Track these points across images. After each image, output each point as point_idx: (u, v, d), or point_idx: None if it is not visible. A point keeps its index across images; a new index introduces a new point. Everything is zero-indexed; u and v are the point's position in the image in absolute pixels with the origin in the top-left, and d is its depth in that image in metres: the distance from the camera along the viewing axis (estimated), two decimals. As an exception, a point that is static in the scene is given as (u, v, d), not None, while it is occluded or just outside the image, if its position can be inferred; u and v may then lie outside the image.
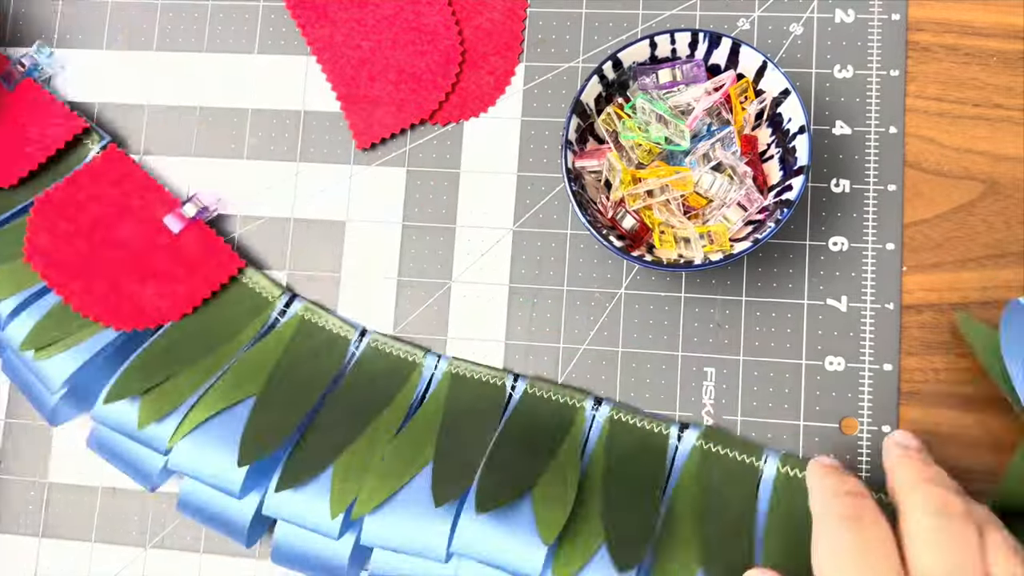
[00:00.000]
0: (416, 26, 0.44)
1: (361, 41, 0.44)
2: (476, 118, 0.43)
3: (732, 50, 0.38)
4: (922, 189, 0.40)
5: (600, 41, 0.43)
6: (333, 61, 0.44)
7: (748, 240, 0.37)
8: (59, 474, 0.43)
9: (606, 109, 0.39)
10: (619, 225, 0.38)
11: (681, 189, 0.37)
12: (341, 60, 0.44)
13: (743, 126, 0.39)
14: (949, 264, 0.40)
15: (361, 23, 0.44)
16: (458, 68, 0.43)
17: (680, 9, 0.43)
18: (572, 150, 0.38)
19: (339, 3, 0.44)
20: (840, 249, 0.40)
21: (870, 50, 0.42)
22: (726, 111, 0.38)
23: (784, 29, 0.42)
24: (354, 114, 0.44)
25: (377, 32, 0.44)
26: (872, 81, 0.41)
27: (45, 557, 0.42)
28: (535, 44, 0.44)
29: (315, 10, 0.44)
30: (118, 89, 0.46)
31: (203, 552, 0.41)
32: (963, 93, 0.41)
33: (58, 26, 0.47)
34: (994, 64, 0.41)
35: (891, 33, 0.42)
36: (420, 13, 0.44)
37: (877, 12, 0.42)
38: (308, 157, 0.44)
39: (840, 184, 0.41)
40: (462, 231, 0.43)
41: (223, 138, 0.45)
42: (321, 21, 0.44)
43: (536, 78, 0.43)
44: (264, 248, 0.43)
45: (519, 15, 0.44)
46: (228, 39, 0.46)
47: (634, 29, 0.43)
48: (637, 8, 0.43)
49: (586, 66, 0.43)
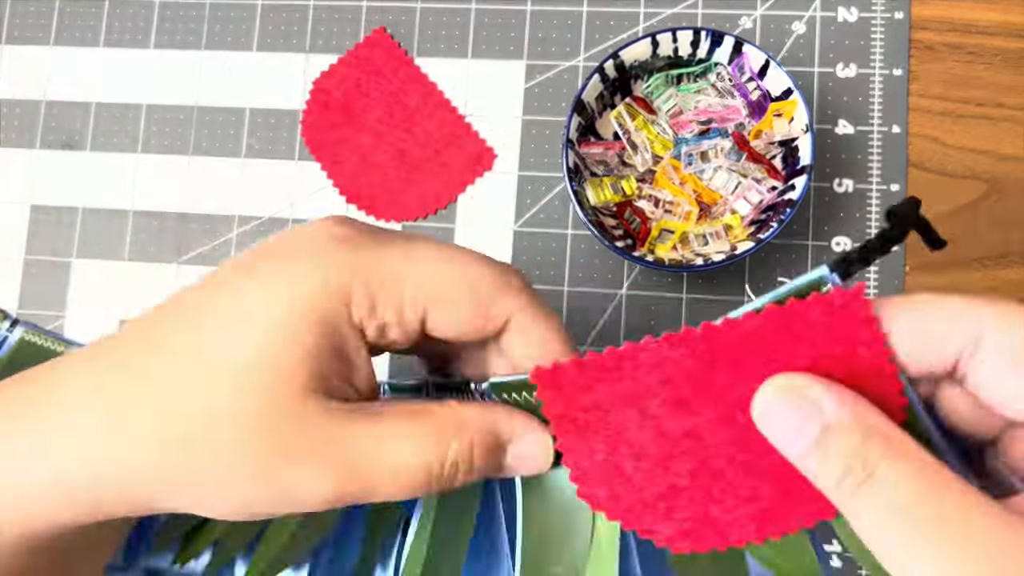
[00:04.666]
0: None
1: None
2: (476, 118, 0.43)
3: (734, 48, 0.38)
4: (925, 189, 0.40)
5: (601, 40, 0.43)
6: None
7: (751, 240, 0.37)
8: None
9: (618, 107, 0.39)
10: (627, 224, 0.38)
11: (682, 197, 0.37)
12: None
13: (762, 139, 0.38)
14: (952, 264, 0.40)
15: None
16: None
17: (682, 7, 0.43)
18: (573, 149, 0.38)
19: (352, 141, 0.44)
20: (843, 249, 0.40)
21: (873, 49, 0.41)
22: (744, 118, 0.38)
23: (786, 28, 0.42)
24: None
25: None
26: (875, 80, 0.41)
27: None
28: (536, 42, 0.43)
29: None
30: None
31: (201, 554, 0.41)
32: (966, 92, 0.41)
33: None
34: (997, 63, 0.41)
35: (894, 32, 0.41)
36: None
37: (880, 11, 0.42)
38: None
39: (843, 184, 0.41)
40: (462, 231, 0.42)
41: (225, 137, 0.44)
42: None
43: (537, 76, 0.43)
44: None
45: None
46: (227, 37, 0.45)
47: (635, 27, 0.43)
48: (638, 7, 0.43)
49: (587, 65, 0.43)
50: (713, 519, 0.22)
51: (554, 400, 0.21)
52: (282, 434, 0.21)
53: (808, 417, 0.19)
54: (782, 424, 0.20)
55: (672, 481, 0.22)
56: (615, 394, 0.21)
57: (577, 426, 0.22)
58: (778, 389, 0.20)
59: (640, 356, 0.21)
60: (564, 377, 0.21)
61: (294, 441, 0.21)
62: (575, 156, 0.38)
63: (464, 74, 0.44)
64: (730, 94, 0.39)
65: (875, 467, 0.19)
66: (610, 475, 0.22)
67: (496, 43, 0.44)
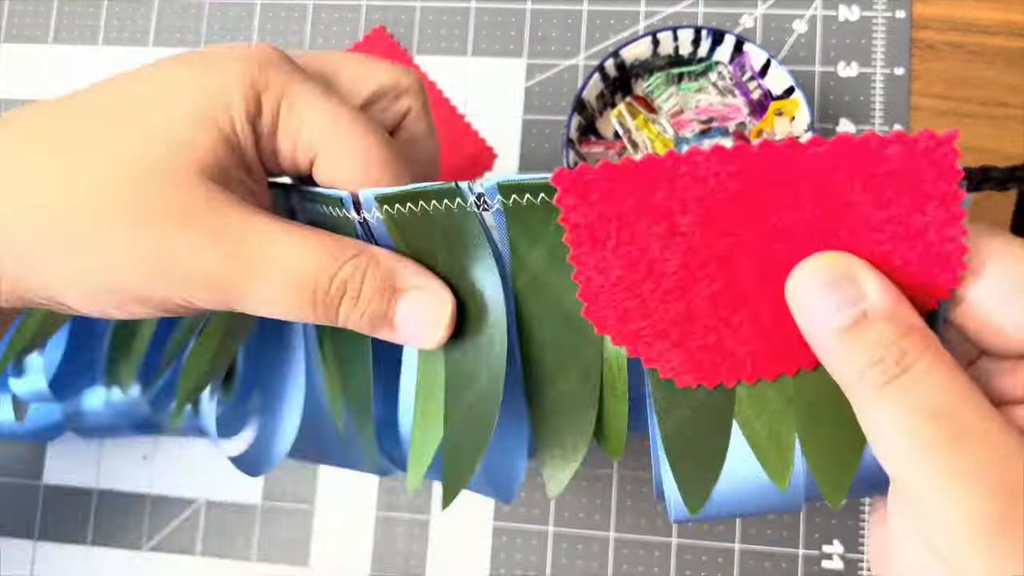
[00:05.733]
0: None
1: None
2: (476, 117, 0.43)
3: (736, 47, 0.37)
4: (927, 188, 0.40)
5: (601, 38, 0.43)
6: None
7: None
8: (54, 476, 0.43)
9: (618, 106, 0.39)
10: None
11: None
12: None
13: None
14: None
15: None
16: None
17: (683, 6, 0.43)
18: (574, 148, 0.38)
19: None
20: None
21: (874, 48, 0.41)
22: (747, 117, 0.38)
23: (788, 26, 0.42)
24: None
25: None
26: (876, 79, 0.41)
27: (40, 561, 0.42)
28: (536, 41, 0.43)
29: None
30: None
31: (200, 555, 0.41)
32: (968, 91, 0.41)
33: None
34: (999, 62, 0.41)
35: (895, 31, 0.41)
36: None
37: (881, 9, 0.42)
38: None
39: (844, 183, 0.40)
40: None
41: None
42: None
43: (537, 75, 0.43)
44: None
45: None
46: (227, 36, 0.45)
47: (636, 26, 0.43)
48: (639, 5, 0.43)
49: (587, 63, 0.43)
50: (728, 351, 0.21)
51: (575, 207, 0.19)
52: (174, 200, 0.20)
53: (849, 299, 0.19)
54: (819, 299, 0.19)
55: (692, 305, 0.20)
56: (645, 206, 0.19)
57: (596, 239, 0.20)
58: (823, 263, 0.19)
59: (681, 167, 0.19)
60: (590, 182, 0.19)
61: (185, 207, 0.20)
62: (576, 155, 0.38)
63: (464, 73, 0.44)
64: (731, 93, 0.39)
65: (912, 364, 0.18)
66: (623, 296, 0.20)
67: (496, 42, 0.44)
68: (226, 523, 0.41)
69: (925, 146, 0.18)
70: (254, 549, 0.41)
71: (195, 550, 0.41)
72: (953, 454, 0.18)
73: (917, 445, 0.18)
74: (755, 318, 0.20)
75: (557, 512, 0.39)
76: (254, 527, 0.41)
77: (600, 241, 0.20)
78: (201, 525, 0.41)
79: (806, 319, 0.19)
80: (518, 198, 0.21)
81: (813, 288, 0.19)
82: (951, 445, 0.18)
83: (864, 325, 0.18)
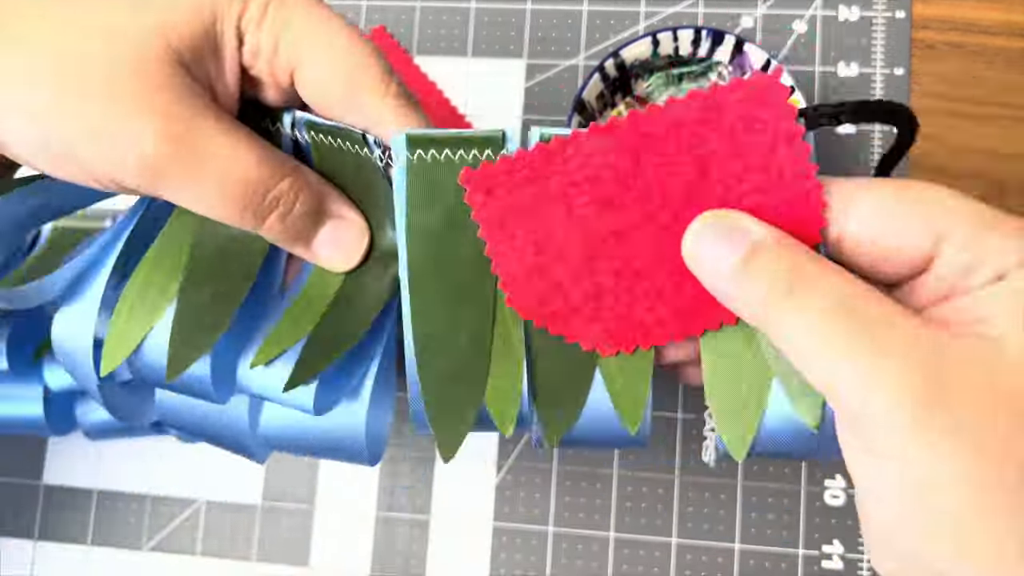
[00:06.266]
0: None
1: None
2: (476, 117, 0.43)
3: (736, 47, 0.37)
4: (927, 188, 0.40)
5: (601, 38, 0.43)
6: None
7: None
8: (54, 476, 0.43)
9: (619, 106, 0.39)
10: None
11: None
12: None
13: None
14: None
15: None
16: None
17: (683, 6, 0.43)
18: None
19: None
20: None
21: (874, 48, 0.41)
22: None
23: (787, 27, 0.42)
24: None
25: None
26: (876, 79, 0.41)
27: (40, 561, 0.42)
28: (536, 41, 0.43)
29: None
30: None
31: (200, 555, 0.41)
32: (968, 91, 0.41)
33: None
34: (999, 62, 0.41)
35: (895, 31, 0.41)
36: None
37: (881, 9, 0.42)
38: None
39: (844, 183, 0.40)
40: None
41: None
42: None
43: (537, 76, 0.43)
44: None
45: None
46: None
47: (636, 26, 0.43)
48: (639, 6, 0.43)
49: (587, 64, 0.43)
50: (638, 320, 0.22)
51: (484, 204, 0.21)
52: (138, 75, 0.21)
53: (738, 241, 0.20)
54: (712, 250, 0.21)
55: (598, 280, 0.22)
56: (544, 193, 0.21)
57: (506, 231, 0.22)
58: (709, 220, 0.21)
59: (568, 150, 0.21)
60: (495, 179, 0.21)
61: (145, 83, 0.21)
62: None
63: (464, 73, 0.44)
64: (731, 93, 0.39)
65: (807, 274, 0.19)
66: (538, 280, 0.22)
67: (496, 42, 0.44)
68: (226, 523, 0.41)
69: (758, 87, 0.20)
70: (254, 549, 0.41)
71: (195, 550, 0.41)
72: (864, 343, 0.18)
73: (830, 341, 0.19)
74: (658, 286, 0.22)
75: (557, 512, 0.39)
76: (254, 527, 0.41)
77: (510, 232, 0.22)
78: (201, 525, 0.41)
79: (705, 272, 0.21)
80: (423, 153, 0.22)
81: (705, 243, 0.21)
82: (860, 336, 0.18)
83: (756, 255, 0.20)
